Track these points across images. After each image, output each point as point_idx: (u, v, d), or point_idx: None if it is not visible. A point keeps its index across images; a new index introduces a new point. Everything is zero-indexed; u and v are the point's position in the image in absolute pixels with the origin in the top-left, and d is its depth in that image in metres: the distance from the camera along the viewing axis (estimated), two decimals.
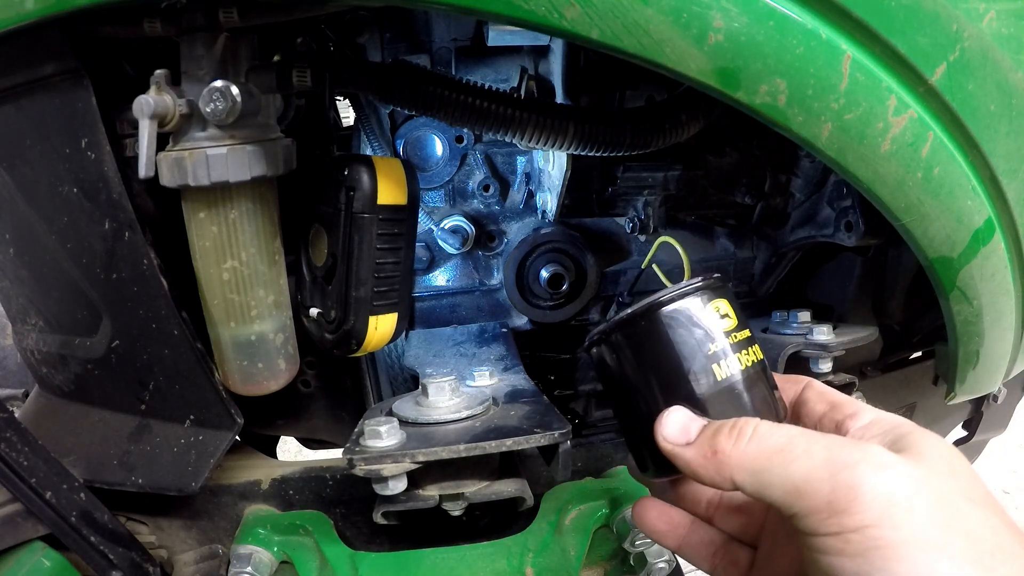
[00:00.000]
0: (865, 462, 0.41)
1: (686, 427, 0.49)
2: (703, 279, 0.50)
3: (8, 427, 0.71)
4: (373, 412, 0.77)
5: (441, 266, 1.04)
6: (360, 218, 0.69)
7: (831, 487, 0.41)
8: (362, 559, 0.81)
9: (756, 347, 0.51)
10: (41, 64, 0.64)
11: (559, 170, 0.88)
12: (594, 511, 0.83)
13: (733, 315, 0.50)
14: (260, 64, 0.65)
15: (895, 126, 0.57)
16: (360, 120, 0.93)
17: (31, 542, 0.77)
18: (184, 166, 0.62)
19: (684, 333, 0.48)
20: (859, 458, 0.41)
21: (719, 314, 0.49)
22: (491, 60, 0.92)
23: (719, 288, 0.50)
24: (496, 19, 0.54)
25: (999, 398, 1.23)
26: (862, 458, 0.41)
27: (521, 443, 0.67)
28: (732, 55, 0.52)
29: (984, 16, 0.56)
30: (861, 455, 0.41)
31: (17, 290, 0.82)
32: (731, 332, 0.49)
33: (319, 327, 0.76)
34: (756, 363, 0.50)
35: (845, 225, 0.86)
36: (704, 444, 0.47)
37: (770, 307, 0.98)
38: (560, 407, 0.74)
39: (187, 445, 0.77)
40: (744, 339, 0.50)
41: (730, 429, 0.47)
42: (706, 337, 0.48)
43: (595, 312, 1.07)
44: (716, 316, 0.49)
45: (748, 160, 0.95)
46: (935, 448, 0.43)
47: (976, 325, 0.74)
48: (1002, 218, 0.66)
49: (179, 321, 0.71)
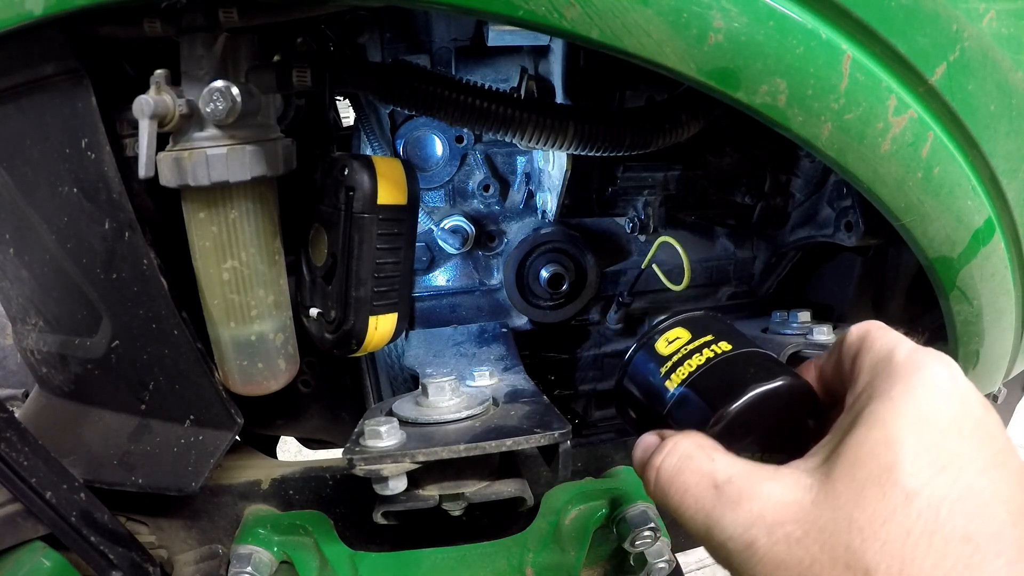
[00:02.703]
0: (723, 517, 0.41)
1: (643, 455, 0.48)
2: (644, 337, 0.55)
3: (8, 427, 0.71)
4: (373, 412, 0.77)
5: (441, 266, 1.04)
6: (360, 218, 0.69)
7: (705, 529, 0.42)
8: (362, 559, 0.81)
9: (721, 344, 0.51)
10: (41, 64, 0.64)
11: (559, 170, 0.88)
12: (594, 511, 0.83)
13: (685, 332, 0.53)
14: (260, 64, 0.65)
15: (895, 126, 0.57)
16: (360, 120, 0.93)
17: (31, 542, 0.77)
18: (184, 166, 0.62)
19: (643, 370, 0.54)
20: (719, 511, 0.42)
21: (668, 341, 0.53)
22: (491, 60, 0.92)
23: (667, 328, 0.54)
24: (496, 19, 0.54)
25: (999, 398, 1.23)
26: (721, 511, 0.41)
27: (521, 443, 0.67)
28: (732, 55, 0.52)
29: (984, 16, 0.56)
30: (725, 505, 0.41)
31: (17, 290, 0.82)
32: (683, 347, 0.52)
33: (319, 327, 0.76)
34: (714, 357, 0.51)
35: (845, 225, 0.86)
36: (643, 474, 0.47)
37: (770, 307, 0.98)
38: (560, 407, 0.74)
39: (187, 445, 0.77)
40: (699, 345, 0.52)
41: (655, 453, 0.46)
42: (658, 363, 0.53)
43: (595, 312, 1.07)
44: (665, 343, 0.53)
45: (748, 160, 0.95)
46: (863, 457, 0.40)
47: (976, 325, 0.74)
48: (1002, 218, 0.66)
49: (179, 321, 0.71)
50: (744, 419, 0.47)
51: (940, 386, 0.40)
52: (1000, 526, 0.36)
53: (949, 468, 0.37)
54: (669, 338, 0.53)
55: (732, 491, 0.41)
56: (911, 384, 0.40)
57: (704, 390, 0.49)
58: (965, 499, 0.37)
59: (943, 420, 0.39)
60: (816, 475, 0.40)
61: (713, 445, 0.45)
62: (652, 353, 0.53)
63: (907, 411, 0.39)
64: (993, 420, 0.41)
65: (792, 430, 0.49)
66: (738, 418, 0.47)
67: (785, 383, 0.48)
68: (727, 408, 0.46)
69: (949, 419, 0.39)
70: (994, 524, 0.36)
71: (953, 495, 0.37)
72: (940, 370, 0.41)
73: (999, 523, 0.36)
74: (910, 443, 0.38)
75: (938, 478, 0.37)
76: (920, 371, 0.40)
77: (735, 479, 0.42)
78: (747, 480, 0.41)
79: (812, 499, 0.39)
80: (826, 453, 0.41)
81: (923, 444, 0.38)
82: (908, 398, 0.40)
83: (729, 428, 0.47)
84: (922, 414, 0.39)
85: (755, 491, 0.41)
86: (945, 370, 0.41)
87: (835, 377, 0.48)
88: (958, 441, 0.39)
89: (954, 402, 0.40)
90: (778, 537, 0.39)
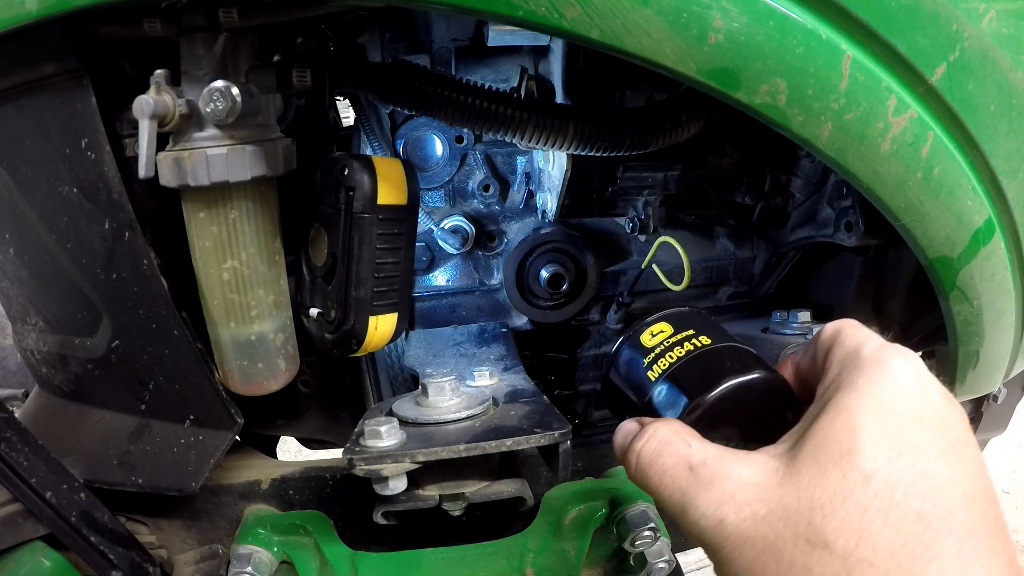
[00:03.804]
0: (697, 496, 0.44)
1: (624, 441, 0.50)
2: (631, 329, 0.58)
3: (8, 427, 0.71)
4: (373, 412, 0.77)
5: (441, 266, 1.04)
6: (360, 218, 0.69)
7: (680, 508, 0.45)
8: (362, 559, 0.81)
9: (702, 338, 0.54)
10: (41, 64, 0.64)
11: (559, 170, 0.88)
12: (594, 511, 0.83)
13: (667, 327, 0.56)
14: (260, 64, 0.65)
15: (895, 126, 0.57)
16: (360, 120, 0.93)
17: (31, 542, 0.77)
18: (184, 166, 0.62)
19: (628, 361, 0.57)
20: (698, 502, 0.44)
21: (652, 334, 0.56)
22: (491, 60, 0.92)
23: (652, 322, 0.57)
24: (496, 19, 0.54)
25: (999, 398, 1.23)
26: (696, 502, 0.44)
27: (521, 443, 0.67)
28: (732, 55, 0.52)
29: (984, 16, 0.56)
30: (699, 485, 0.44)
31: (17, 290, 0.82)
32: (666, 340, 0.55)
33: (319, 327, 0.76)
34: (694, 350, 0.53)
35: (845, 225, 0.86)
36: (624, 459, 0.49)
37: (770, 307, 0.98)
38: (560, 407, 0.74)
39: (187, 445, 0.77)
40: (681, 338, 0.54)
41: (636, 438, 0.48)
42: (643, 354, 0.56)
43: (595, 312, 1.07)
44: (650, 336, 0.56)
45: (748, 160, 0.95)
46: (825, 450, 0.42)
47: (976, 325, 0.74)
48: (1002, 218, 0.66)
49: (179, 321, 0.71)
50: (720, 409, 0.49)
51: (902, 380, 0.43)
52: (953, 507, 0.39)
53: (906, 453, 0.40)
54: (654, 331, 0.56)
55: (706, 473, 0.44)
56: (874, 376, 0.43)
57: (683, 380, 0.52)
58: (919, 482, 0.39)
59: (903, 410, 0.42)
60: (783, 459, 0.43)
61: (689, 431, 0.48)
62: (637, 345, 0.56)
63: (869, 400, 0.42)
64: (954, 412, 0.43)
65: (768, 422, 0.50)
66: (713, 407, 0.49)
67: (760, 376, 0.50)
68: (703, 397, 0.49)
69: (909, 409, 0.42)
70: (947, 506, 0.39)
71: (908, 478, 0.39)
72: (903, 365, 0.43)
73: (952, 504, 0.39)
74: (871, 429, 0.41)
75: (895, 462, 0.40)
76: (884, 364, 0.43)
77: (709, 462, 0.45)
78: (719, 463, 0.44)
79: (778, 480, 0.42)
80: (794, 440, 0.44)
81: (883, 430, 0.41)
82: (871, 389, 0.42)
83: (704, 417, 0.49)
84: (883, 403, 0.42)
85: (727, 472, 0.43)
86: (908, 365, 0.44)
87: (810, 372, 0.51)
88: (917, 429, 0.41)
89: (915, 394, 0.42)
90: (745, 515, 0.42)
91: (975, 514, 0.39)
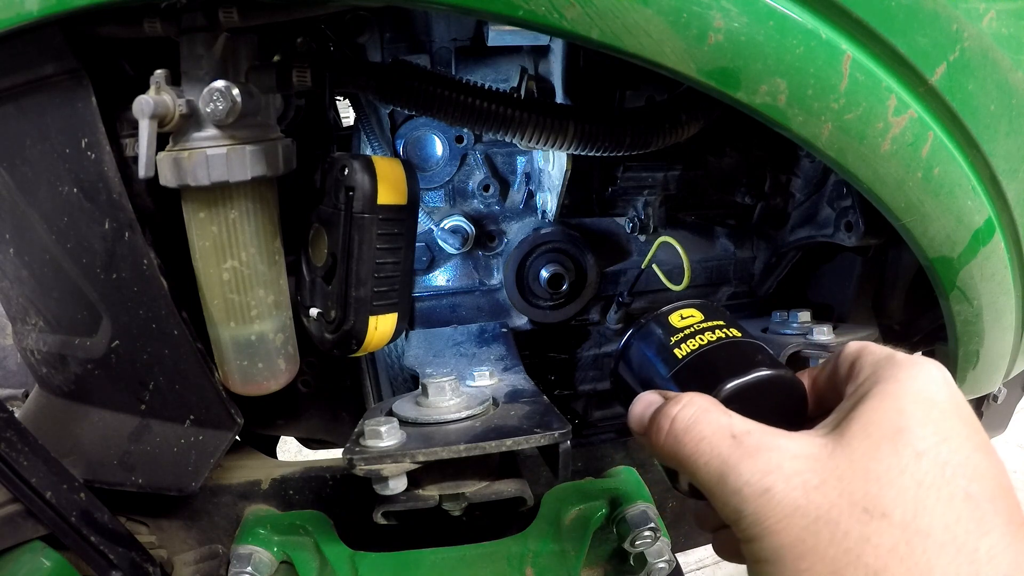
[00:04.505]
0: (740, 463, 0.43)
1: (645, 409, 0.50)
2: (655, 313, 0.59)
3: (8, 427, 0.71)
4: (373, 412, 0.77)
5: (441, 266, 1.04)
6: (360, 218, 0.69)
7: (719, 476, 0.44)
8: (362, 559, 0.81)
9: (732, 330, 0.55)
10: (41, 64, 0.64)
11: (559, 170, 0.88)
12: (594, 511, 0.83)
13: (699, 313, 0.57)
14: (260, 64, 0.65)
15: (895, 126, 0.57)
16: (360, 120, 0.93)
17: (31, 542, 0.77)
18: (184, 166, 0.62)
19: (654, 335, 0.57)
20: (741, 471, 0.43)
21: (682, 316, 0.57)
22: (491, 60, 0.92)
23: (683, 306, 0.58)
24: (496, 19, 0.54)
25: (999, 398, 1.23)
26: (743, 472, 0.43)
27: (521, 443, 0.67)
28: (732, 55, 0.52)
29: (984, 16, 0.56)
30: (743, 453, 0.44)
31: (17, 290, 0.82)
32: (697, 323, 0.56)
33: (319, 327, 0.76)
34: (725, 338, 0.54)
35: (845, 225, 0.86)
36: (652, 423, 0.48)
37: (770, 307, 0.98)
38: (560, 407, 0.74)
39: (187, 445, 0.77)
40: (712, 325, 0.55)
41: (669, 404, 0.48)
42: (670, 332, 0.56)
43: (595, 312, 1.07)
44: (679, 318, 0.57)
45: (748, 160, 0.95)
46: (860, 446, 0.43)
47: (976, 325, 0.74)
48: (1002, 218, 0.66)
49: (179, 321, 0.71)
50: (747, 395, 0.50)
51: (937, 378, 0.45)
52: (995, 493, 0.41)
53: (950, 440, 0.42)
54: (684, 315, 0.57)
55: (751, 442, 0.44)
56: (914, 372, 0.45)
57: (714, 361, 0.53)
58: (965, 466, 0.41)
59: (943, 403, 0.43)
60: (830, 436, 0.43)
61: (722, 406, 0.48)
62: (665, 324, 0.57)
63: (912, 391, 0.43)
64: (976, 419, 0.45)
65: (780, 423, 0.51)
66: (741, 392, 0.49)
67: (789, 375, 0.52)
68: (735, 379, 0.50)
69: (947, 403, 0.44)
70: (991, 491, 0.41)
71: (955, 461, 0.41)
72: (936, 368, 0.46)
73: (994, 491, 0.41)
74: (918, 415, 0.42)
75: (941, 446, 0.41)
76: (919, 365, 0.45)
77: (753, 432, 0.45)
78: (764, 434, 0.44)
79: (829, 453, 0.42)
80: (835, 423, 0.44)
81: (928, 418, 0.42)
82: (913, 382, 0.44)
83: (731, 399, 0.49)
84: (925, 395, 0.43)
85: (773, 443, 0.44)
86: (940, 370, 0.46)
87: (828, 385, 0.52)
88: (957, 422, 0.43)
89: (950, 392, 0.45)
90: (795, 484, 0.41)
91: (1013, 504, 0.41)
